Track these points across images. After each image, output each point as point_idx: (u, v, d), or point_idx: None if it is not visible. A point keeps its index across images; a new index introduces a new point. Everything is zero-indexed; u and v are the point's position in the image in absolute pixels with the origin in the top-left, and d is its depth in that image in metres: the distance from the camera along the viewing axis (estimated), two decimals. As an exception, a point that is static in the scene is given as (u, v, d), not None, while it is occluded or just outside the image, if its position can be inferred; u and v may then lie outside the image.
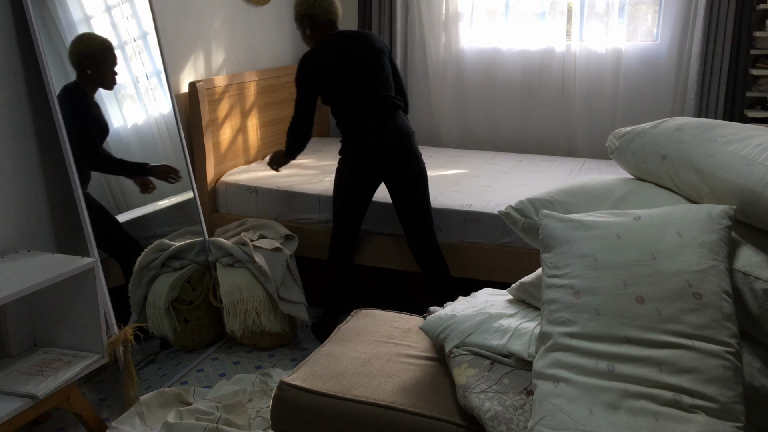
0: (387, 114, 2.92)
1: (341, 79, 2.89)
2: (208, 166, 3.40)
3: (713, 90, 3.82)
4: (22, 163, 2.47)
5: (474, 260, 3.05)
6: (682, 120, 1.90)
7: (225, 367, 2.94)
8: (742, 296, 1.54)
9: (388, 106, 2.93)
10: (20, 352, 2.42)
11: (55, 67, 2.50)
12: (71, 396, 2.31)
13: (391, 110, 2.93)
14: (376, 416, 1.71)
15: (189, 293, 2.98)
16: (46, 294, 2.38)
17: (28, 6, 2.38)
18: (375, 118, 2.89)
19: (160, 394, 2.56)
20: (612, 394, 1.41)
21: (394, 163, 2.92)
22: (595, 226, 1.63)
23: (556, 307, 1.56)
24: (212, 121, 3.43)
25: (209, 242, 3.09)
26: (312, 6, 2.93)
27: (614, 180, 1.97)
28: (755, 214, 1.59)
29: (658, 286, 1.48)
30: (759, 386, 1.51)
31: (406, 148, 2.93)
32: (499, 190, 3.29)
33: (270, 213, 3.39)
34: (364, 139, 2.90)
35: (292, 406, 1.81)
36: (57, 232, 2.62)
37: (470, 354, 1.79)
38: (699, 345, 1.42)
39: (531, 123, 4.31)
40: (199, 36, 3.46)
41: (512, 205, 1.92)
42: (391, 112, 2.93)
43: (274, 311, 2.97)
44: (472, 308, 1.95)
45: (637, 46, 4.04)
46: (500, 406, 1.59)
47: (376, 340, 2.04)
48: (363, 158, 2.93)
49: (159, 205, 3.05)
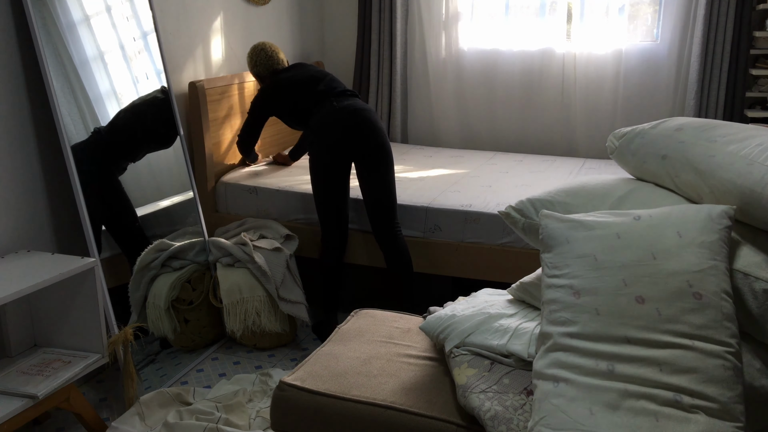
0: (343, 96, 3.12)
1: (296, 88, 3.19)
2: (208, 166, 3.40)
3: (713, 90, 3.82)
4: (22, 163, 2.47)
5: (474, 260, 3.05)
6: (682, 120, 1.90)
7: (225, 367, 2.94)
8: (742, 296, 1.54)
9: (345, 93, 3.14)
10: (20, 352, 2.42)
11: (55, 67, 2.50)
12: (71, 396, 2.31)
13: (347, 95, 3.14)
14: (376, 416, 1.71)
15: (189, 293, 2.98)
16: (46, 294, 2.38)
17: (28, 6, 2.38)
18: (333, 101, 3.08)
19: (160, 394, 2.56)
20: (612, 394, 1.41)
21: (359, 136, 3.03)
22: (595, 226, 1.63)
23: (556, 307, 1.56)
24: (212, 121, 3.43)
25: (209, 242, 3.09)
26: (255, 66, 3.35)
27: (614, 180, 1.97)
28: (755, 214, 1.59)
29: (658, 286, 1.48)
30: (759, 386, 1.51)
31: (369, 119, 3.06)
32: (499, 190, 3.29)
33: (270, 213, 3.39)
34: (325, 120, 3.06)
35: (292, 406, 1.81)
36: (57, 232, 2.62)
37: (470, 354, 1.79)
38: (699, 345, 1.42)
39: (531, 123, 4.31)
40: (199, 36, 3.46)
41: (512, 205, 1.92)
42: (347, 96, 3.13)
43: (274, 311, 2.97)
44: (472, 308, 1.95)
45: (637, 46, 4.04)
46: (500, 406, 1.59)
47: (376, 340, 2.04)
48: (329, 138, 3.04)
49: (159, 205, 3.05)
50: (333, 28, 4.70)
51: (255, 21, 3.93)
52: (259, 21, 3.97)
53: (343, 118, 3.03)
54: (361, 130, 3.03)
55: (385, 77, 4.40)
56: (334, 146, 3.03)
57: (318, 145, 3.06)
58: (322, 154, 3.04)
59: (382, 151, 3.06)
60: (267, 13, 4.04)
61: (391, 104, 4.45)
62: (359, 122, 3.03)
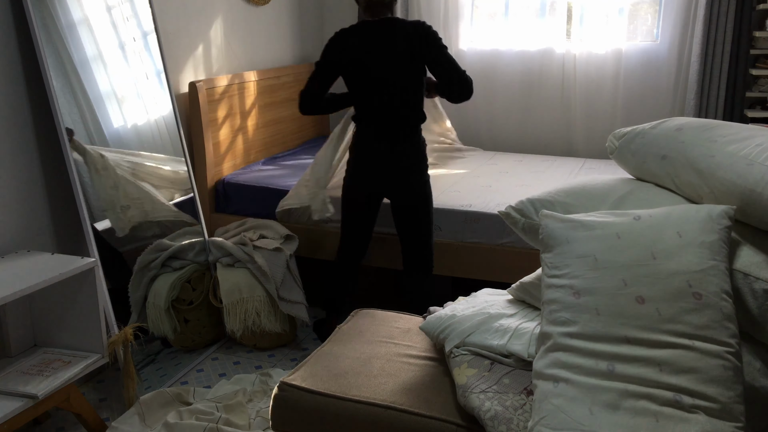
0: (388, 133, 2.79)
1: (352, 76, 2.81)
2: (208, 166, 3.40)
3: (713, 90, 3.82)
4: (22, 164, 2.47)
5: (474, 260, 3.05)
6: (682, 120, 1.90)
7: (225, 367, 2.94)
8: (742, 296, 1.54)
9: (393, 125, 2.79)
10: (20, 352, 2.42)
11: (55, 67, 2.50)
12: (71, 396, 2.31)
13: (396, 130, 2.79)
14: (376, 416, 1.71)
15: (189, 293, 2.98)
16: (46, 294, 2.38)
17: (28, 6, 2.38)
18: (376, 137, 2.80)
19: (160, 394, 2.56)
20: (612, 394, 1.41)
21: (388, 187, 2.88)
22: (595, 226, 1.63)
23: (556, 307, 1.56)
24: (212, 121, 3.43)
25: (209, 242, 3.09)
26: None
27: (614, 180, 1.97)
28: (755, 214, 1.59)
29: (658, 286, 1.48)
30: (759, 386, 1.51)
31: (401, 177, 2.83)
32: (499, 190, 3.29)
33: (270, 213, 3.39)
34: (360, 158, 2.87)
35: (292, 406, 1.81)
36: (57, 232, 2.62)
37: (470, 354, 1.79)
38: (699, 345, 1.42)
39: (531, 123, 4.31)
40: (199, 36, 3.46)
41: (512, 205, 1.92)
42: (394, 132, 2.79)
43: (274, 311, 2.97)
44: (472, 308, 1.95)
45: (637, 46, 4.04)
46: (500, 406, 1.59)
47: (376, 340, 2.04)
48: (359, 176, 2.90)
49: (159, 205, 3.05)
50: (333, 28, 4.65)
51: (255, 21, 3.93)
52: (259, 21, 3.97)
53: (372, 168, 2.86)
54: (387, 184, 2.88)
55: (385, 77, 4.39)
56: (359, 186, 2.93)
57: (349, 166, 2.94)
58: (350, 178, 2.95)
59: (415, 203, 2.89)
60: (267, 13, 4.04)
61: (391, 104, 4.44)
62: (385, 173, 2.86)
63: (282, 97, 4.06)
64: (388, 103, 2.76)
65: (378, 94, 2.76)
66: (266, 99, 3.92)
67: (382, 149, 2.79)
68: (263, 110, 3.90)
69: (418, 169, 2.86)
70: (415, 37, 2.70)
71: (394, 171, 2.82)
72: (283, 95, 4.07)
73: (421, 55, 2.71)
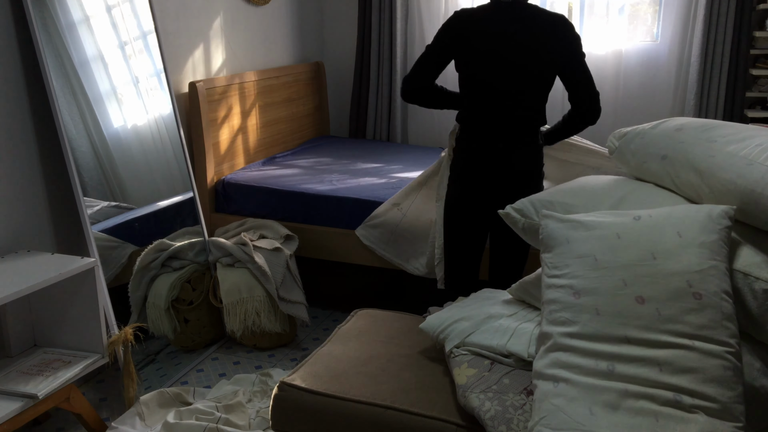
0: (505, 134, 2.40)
1: (467, 66, 2.43)
2: (208, 166, 3.40)
3: (713, 90, 3.82)
4: (22, 164, 2.47)
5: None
6: (682, 120, 1.90)
7: (225, 367, 2.94)
8: (742, 296, 1.54)
9: (509, 133, 2.41)
10: (20, 352, 2.42)
11: (55, 67, 2.50)
12: (71, 396, 2.31)
13: (510, 139, 2.41)
14: (376, 416, 1.71)
15: (189, 293, 2.98)
16: (46, 294, 2.38)
17: (28, 6, 2.38)
18: (491, 138, 2.41)
19: (160, 394, 2.56)
20: (612, 394, 1.41)
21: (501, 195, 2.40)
22: (595, 226, 1.63)
23: (556, 307, 1.56)
24: (212, 121, 3.43)
25: (209, 242, 3.09)
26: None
27: (614, 180, 1.97)
28: (755, 214, 1.59)
29: (658, 286, 1.48)
30: (759, 386, 1.51)
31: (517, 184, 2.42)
32: (499, 190, 3.27)
33: (270, 213, 3.39)
34: (470, 162, 2.46)
35: (292, 406, 1.81)
36: (57, 232, 2.62)
37: (470, 354, 1.79)
38: (699, 345, 1.42)
39: (531, 123, 4.30)
40: (199, 36, 3.46)
41: (512, 205, 1.92)
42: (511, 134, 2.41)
43: (274, 311, 2.98)
44: (472, 308, 1.95)
45: (637, 46, 4.04)
46: (500, 406, 1.59)
47: (376, 340, 2.04)
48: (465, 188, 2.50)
49: (159, 205, 3.05)
50: (333, 28, 4.70)
51: (255, 21, 3.93)
52: (259, 21, 3.97)
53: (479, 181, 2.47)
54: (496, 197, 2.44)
55: (385, 77, 4.40)
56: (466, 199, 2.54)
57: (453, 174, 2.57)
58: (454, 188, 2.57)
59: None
60: (267, 13, 4.04)
61: (391, 104, 4.44)
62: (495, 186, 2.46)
63: (282, 97, 4.06)
64: (507, 102, 2.39)
65: (497, 91, 2.39)
66: (266, 99, 3.92)
67: (499, 149, 2.40)
68: (263, 110, 3.90)
69: (538, 176, 2.50)
70: (552, 36, 2.35)
71: (510, 176, 2.43)
72: (282, 95, 4.07)
73: (553, 61, 2.37)
